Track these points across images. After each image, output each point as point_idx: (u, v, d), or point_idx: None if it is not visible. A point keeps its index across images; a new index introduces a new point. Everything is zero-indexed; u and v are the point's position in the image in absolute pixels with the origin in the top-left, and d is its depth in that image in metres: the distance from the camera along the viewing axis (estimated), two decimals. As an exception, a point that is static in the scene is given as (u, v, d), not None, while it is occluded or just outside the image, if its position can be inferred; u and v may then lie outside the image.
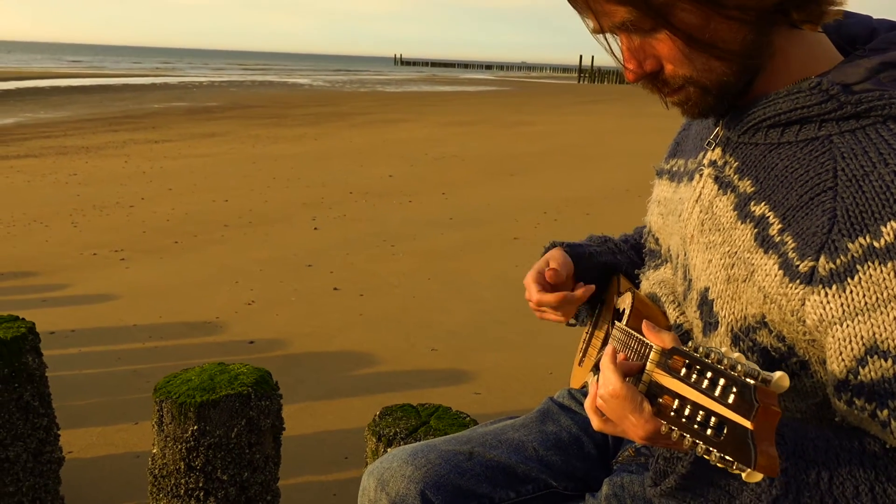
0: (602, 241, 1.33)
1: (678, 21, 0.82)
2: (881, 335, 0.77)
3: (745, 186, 0.91)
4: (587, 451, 1.22)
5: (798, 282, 0.81)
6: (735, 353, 0.66)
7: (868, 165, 0.79)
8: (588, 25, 0.88)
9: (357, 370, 3.52)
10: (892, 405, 0.77)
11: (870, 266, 0.76)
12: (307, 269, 5.13)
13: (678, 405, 0.68)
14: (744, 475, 0.62)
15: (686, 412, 0.67)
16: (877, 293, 0.76)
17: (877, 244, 0.76)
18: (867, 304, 0.77)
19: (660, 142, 1.88)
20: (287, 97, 26.39)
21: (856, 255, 0.77)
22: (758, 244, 0.86)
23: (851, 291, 0.78)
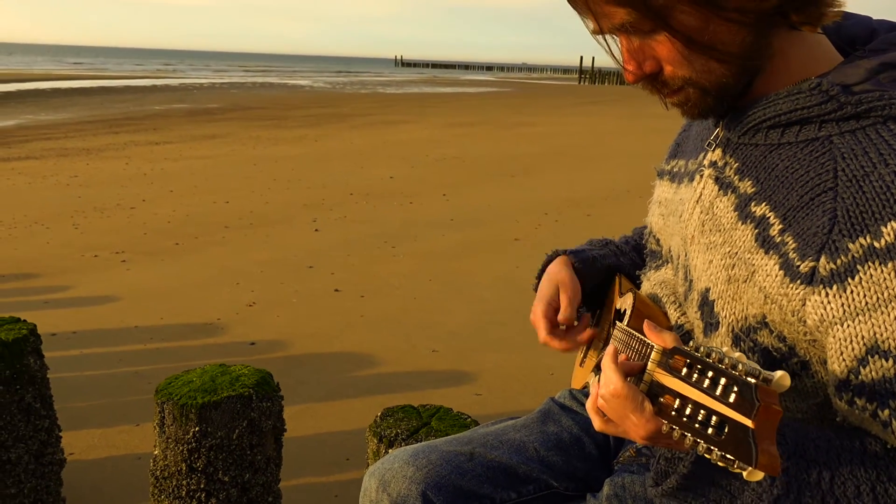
0: (603, 244, 1.33)
1: (677, 23, 0.82)
2: (882, 335, 0.77)
3: (746, 187, 0.91)
4: (588, 452, 1.22)
5: (799, 282, 0.81)
6: (736, 353, 0.66)
7: (868, 166, 0.79)
8: (588, 27, 0.88)
9: (358, 371, 3.52)
10: (893, 405, 0.78)
11: (870, 266, 0.77)
12: (308, 271, 5.14)
13: (679, 404, 0.68)
14: (745, 474, 0.62)
15: (687, 411, 0.67)
16: (877, 293, 0.76)
17: (877, 244, 0.76)
18: (868, 304, 0.77)
19: (660, 142, 1.88)
20: (288, 99, 26.40)
21: (856, 256, 0.77)
22: (758, 245, 0.87)
23: (852, 291, 0.78)
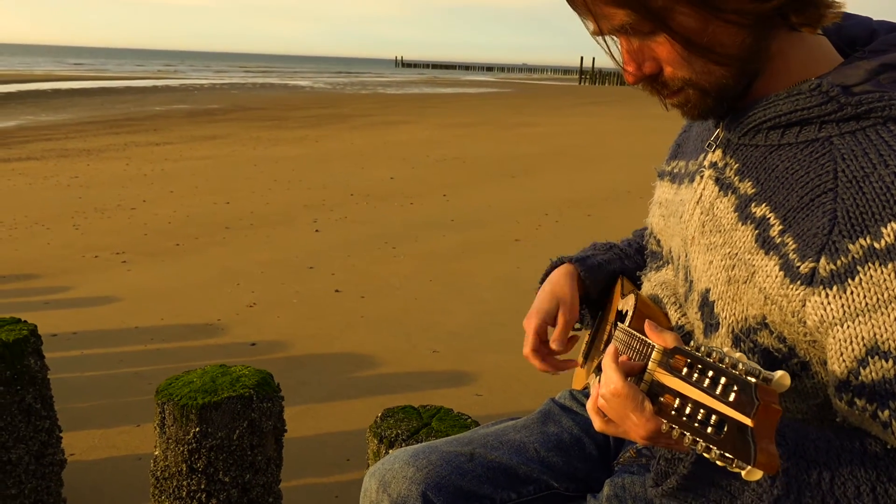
0: (607, 248, 1.33)
1: (676, 25, 0.82)
2: (882, 336, 0.77)
3: (746, 188, 0.91)
4: (588, 452, 1.22)
5: (799, 283, 0.81)
6: (736, 353, 0.66)
7: (868, 167, 0.79)
8: (588, 28, 0.88)
9: (358, 372, 3.52)
10: (893, 406, 0.78)
11: (870, 267, 0.77)
12: (308, 271, 5.14)
13: (679, 403, 0.68)
14: (743, 473, 0.62)
15: (687, 410, 0.67)
16: (877, 294, 0.76)
17: (877, 245, 0.76)
18: (868, 305, 0.77)
19: (661, 143, 1.88)
20: (288, 99, 26.41)
21: (856, 257, 0.77)
22: (758, 245, 0.87)
23: (852, 292, 0.78)
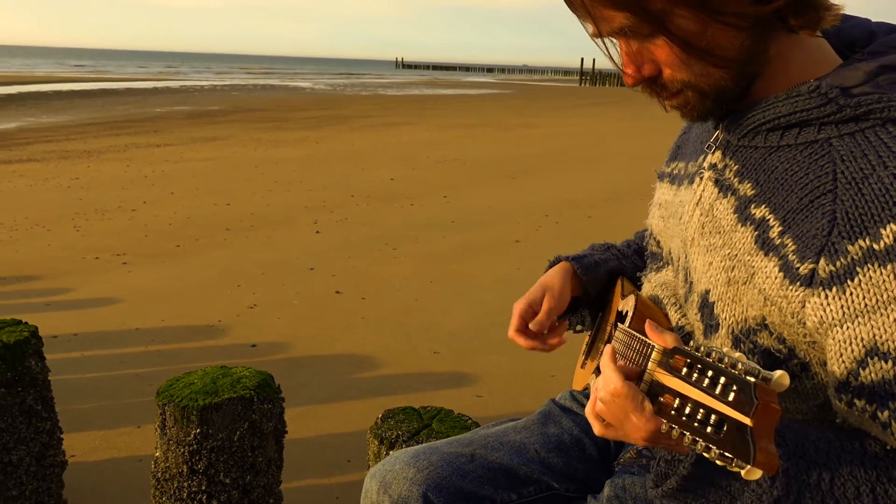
0: (605, 249, 1.34)
1: (675, 27, 0.82)
2: (881, 337, 0.77)
3: (746, 189, 0.91)
4: (589, 453, 1.22)
5: (798, 284, 0.82)
6: (736, 353, 0.66)
7: (867, 168, 0.79)
8: (587, 30, 0.88)
9: (359, 373, 3.53)
10: (893, 406, 0.78)
11: (869, 268, 0.77)
12: (309, 273, 5.14)
13: (679, 403, 0.68)
14: (743, 472, 0.62)
15: (687, 410, 0.67)
16: (876, 295, 0.77)
17: (876, 246, 0.76)
18: (867, 306, 0.77)
19: (661, 144, 1.89)
20: (288, 101, 26.43)
21: (855, 258, 0.77)
22: (758, 247, 0.87)
23: (851, 294, 0.78)
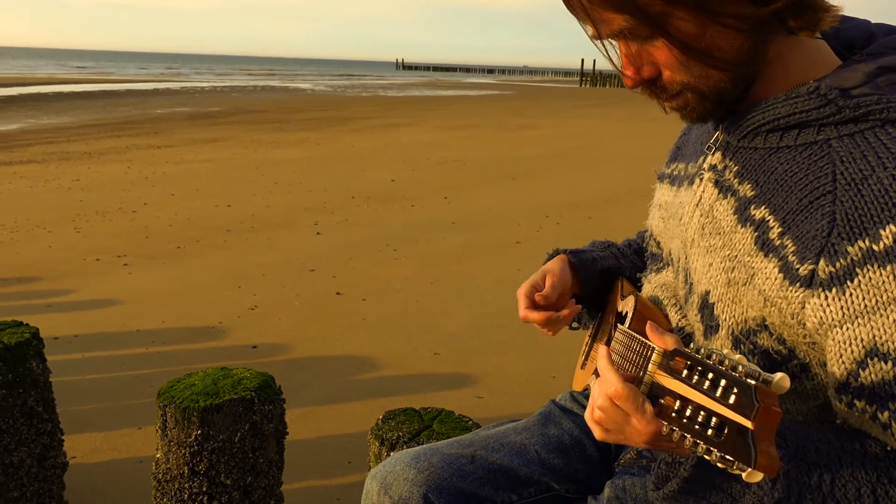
0: (605, 247, 1.34)
1: (674, 29, 0.82)
2: (881, 338, 0.77)
3: (745, 190, 0.91)
4: (589, 454, 1.22)
5: (798, 285, 0.82)
6: (736, 355, 0.66)
7: (867, 169, 0.79)
8: (587, 32, 0.88)
9: (360, 374, 3.53)
10: (893, 407, 0.78)
11: (869, 269, 0.77)
12: (310, 274, 5.14)
13: (679, 406, 0.68)
14: (744, 475, 0.62)
15: (687, 413, 0.67)
16: (876, 296, 0.77)
17: (876, 247, 0.76)
18: (867, 307, 0.77)
19: (661, 145, 1.89)
20: (289, 102, 26.44)
21: (855, 259, 0.78)
22: (758, 248, 0.87)
23: (851, 294, 0.78)
